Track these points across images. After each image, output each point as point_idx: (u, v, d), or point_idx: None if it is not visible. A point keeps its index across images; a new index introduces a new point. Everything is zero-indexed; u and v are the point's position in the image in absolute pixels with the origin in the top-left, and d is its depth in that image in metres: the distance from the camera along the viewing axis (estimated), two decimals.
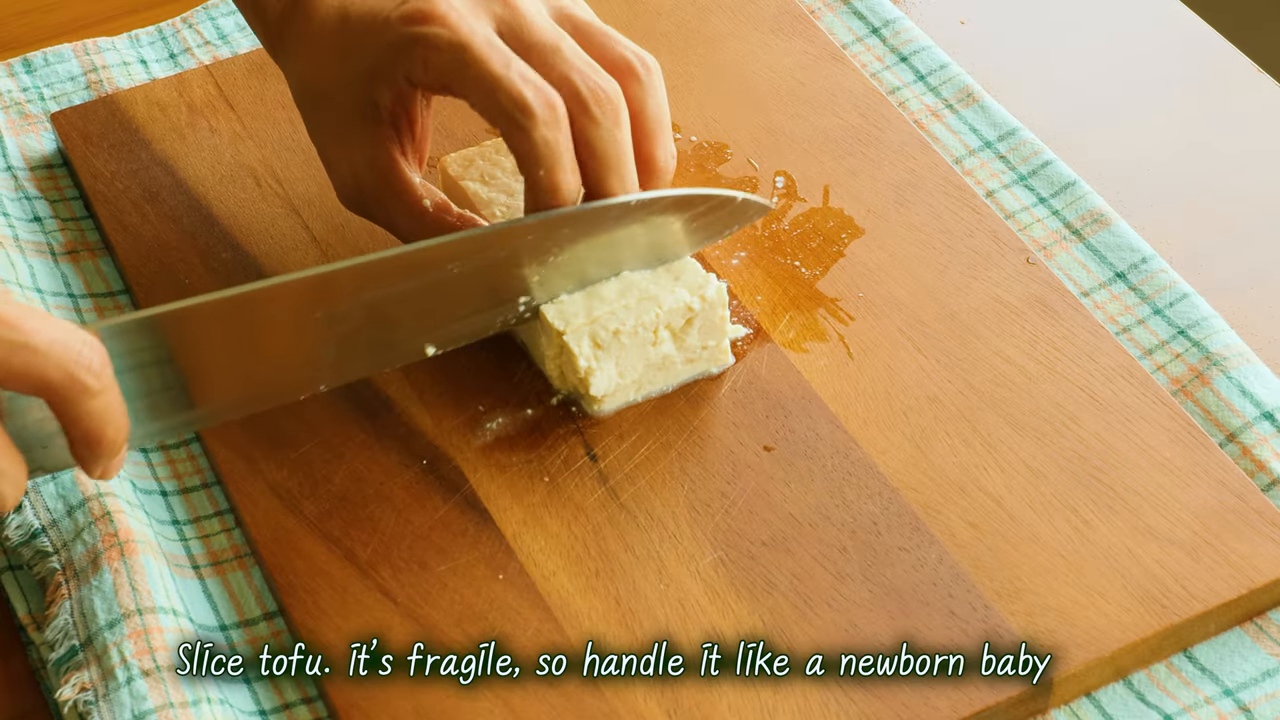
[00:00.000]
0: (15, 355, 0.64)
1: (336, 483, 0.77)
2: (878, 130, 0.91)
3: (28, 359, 0.64)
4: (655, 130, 0.77)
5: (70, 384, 0.65)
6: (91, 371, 0.65)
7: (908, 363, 0.81)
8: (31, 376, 0.65)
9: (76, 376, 0.65)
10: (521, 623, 0.72)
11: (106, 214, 0.88)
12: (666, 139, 0.78)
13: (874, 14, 0.98)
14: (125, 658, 0.69)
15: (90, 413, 0.66)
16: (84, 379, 0.65)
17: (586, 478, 0.77)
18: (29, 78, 0.96)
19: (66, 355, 0.65)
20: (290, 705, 0.71)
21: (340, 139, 0.79)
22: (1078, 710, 0.71)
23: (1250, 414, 0.78)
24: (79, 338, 0.65)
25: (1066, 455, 0.77)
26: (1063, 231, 0.87)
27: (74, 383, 0.65)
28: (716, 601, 0.72)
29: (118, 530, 0.73)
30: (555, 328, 0.77)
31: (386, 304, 0.75)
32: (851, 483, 0.76)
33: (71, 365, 0.65)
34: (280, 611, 0.74)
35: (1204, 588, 0.72)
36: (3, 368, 0.64)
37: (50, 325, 0.65)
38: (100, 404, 0.66)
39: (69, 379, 0.65)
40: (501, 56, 0.74)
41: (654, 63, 0.77)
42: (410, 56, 0.75)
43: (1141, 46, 0.99)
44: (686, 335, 0.79)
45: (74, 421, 0.66)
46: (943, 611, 0.72)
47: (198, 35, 0.99)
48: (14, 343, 0.64)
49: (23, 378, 0.64)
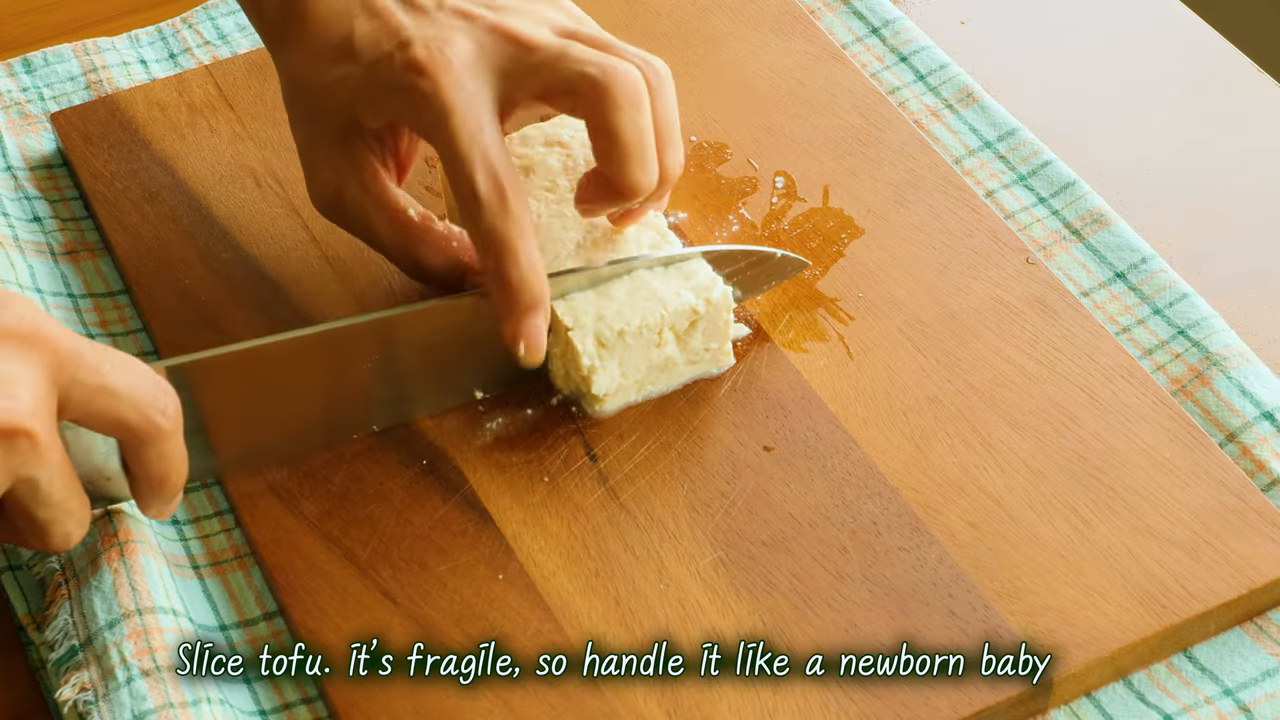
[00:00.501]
0: (95, 399, 0.66)
1: (336, 483, 0.77)
2: (878, 130, 0.91)
3: (107, 402, 0.67)
4: (666, 135, 0.77)
5: (147, 426, 0.68)
6: (166, 415, 0.68)
7: (908, 363, 0.81)
8: (111, 419, 0.67)
9: (153, 420, 0.68)
10: (521, 623, 0.72)
11: (106, 214, 0.88)
12: (677, 145, 0.77)
13: (874, 14, 0.98)
14: (125, 658, 0.69)
15: (160, 455, 0.69)
16: (159, 423, 0.68)
17: (586, 478, 0.77)
18: (29, 78, 0.96)
19: (143, 399, 0.67)
20: (290, 705, 0.71)
21: (323, 146, 0.79)
22: (1078, 710, 0.71)
23: (1250, 414, 0.78)
24: (155, 381, 0.68)
25: (1066, 455, 0.77)
26: (1063, 231, 0.87)
27: (150, 425, 0.68)
28: (716, 601, 0.72)
29: (117, 530, 0.73)
30: (564, 324, 0.77)
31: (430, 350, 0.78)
32: (851, 483, 0.76)
33: (148, 409, 0.68)
34: (280, 611, 0.74)
35: (1204, 588, 0.72)
36: (82, 410, 0.66)
37: (127, 369, 0.67)
38: (170, 447, 0.69)
39: (146, 422, 0.68)
40: (473, 126, 0.74)
41: (664, 68, 0.77)
42: (400, 104, 0.75)
43: (1141, 46, 0.99)
44: (690, 337, 0.79)
45: (142, 463, 0.69)
46: (943, 611, 0.72)
47: (198, 35, 0.99)
48: (94, 386, 0.66)
49: (102, 420, 0.67)
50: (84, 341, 0.66)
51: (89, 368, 0.66)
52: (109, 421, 0.67)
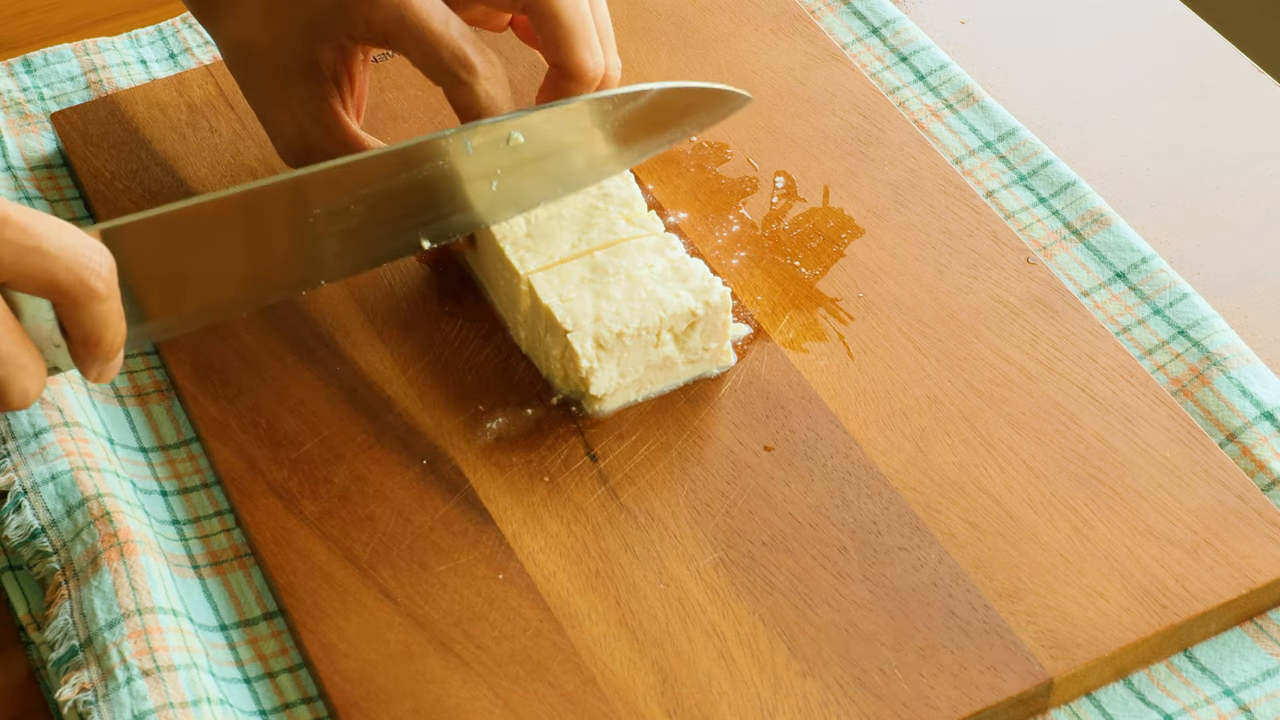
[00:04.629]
0: (27, 258, 0.66)
1: (336, 483, 0.77)
2: (878, 130, 0.91)
3: (39, 262, 0.66)
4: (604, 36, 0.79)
5: (79, 287, 0.67)
6: (100, 276, 0.67)
7: (908, 362, 0.81)
8: (42, 279, 0.66)
9: (86, 280, 0.67)
10: (521, 623, 0.72)
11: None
12: (613, 50, 0.80)
13: (874, 14, 0.98)
14: (125, 658, 0.69)
15: (96, 316, 0.68)
16: (93, 283, 0.67)
17: (586, 478, 0.77)
18: (29, 78, 0.96)
19: (77, 260, 0.66)
20: (290, 705, 0.71)
21: (281, 98, 0.79)
22: (1078, 710, 0.71)
23: (1250, 414, 0.78)
24: (88, 243, 0.67)
25: (1066, 455, 0.77)
26: (1063, 231, 0.87)
27: (83, 286, 0.67)
28: (716, 601, 0.72)
29: (117, 530, 0.73)
30: (563, 327, 0.77)
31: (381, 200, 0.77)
32: (851, 483, 0.76)
33: (81, 270, 0.67)
34: (280, 611, 0.74)
35: (1204, 588, 0.72)
36: (14, 270, 0.66)
37: (60, 229, 0.66)
38: (106, 309, 0.68)
39: (79, 283, 0.67)
40: (442, 14, 0.76)
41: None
42: (351, 14, 0.76)
43: (1141, 46, 0.99)
44: (689, 338, 0.79)
45: (78, 324, 0.68)
46: (943, 611, 0.72)
47: (198, 35, 0.99)
48: (25, 246, 0.65)
49: (33, 280, 0.66)
50: (11, 204, 0.66)
51: (18, 227, 0.65)
52: (42, 282, 0.66)
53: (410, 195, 0.77)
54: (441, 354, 0.81)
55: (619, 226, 0.81)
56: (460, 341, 0.82)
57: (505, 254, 0.80)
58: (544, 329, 0.78)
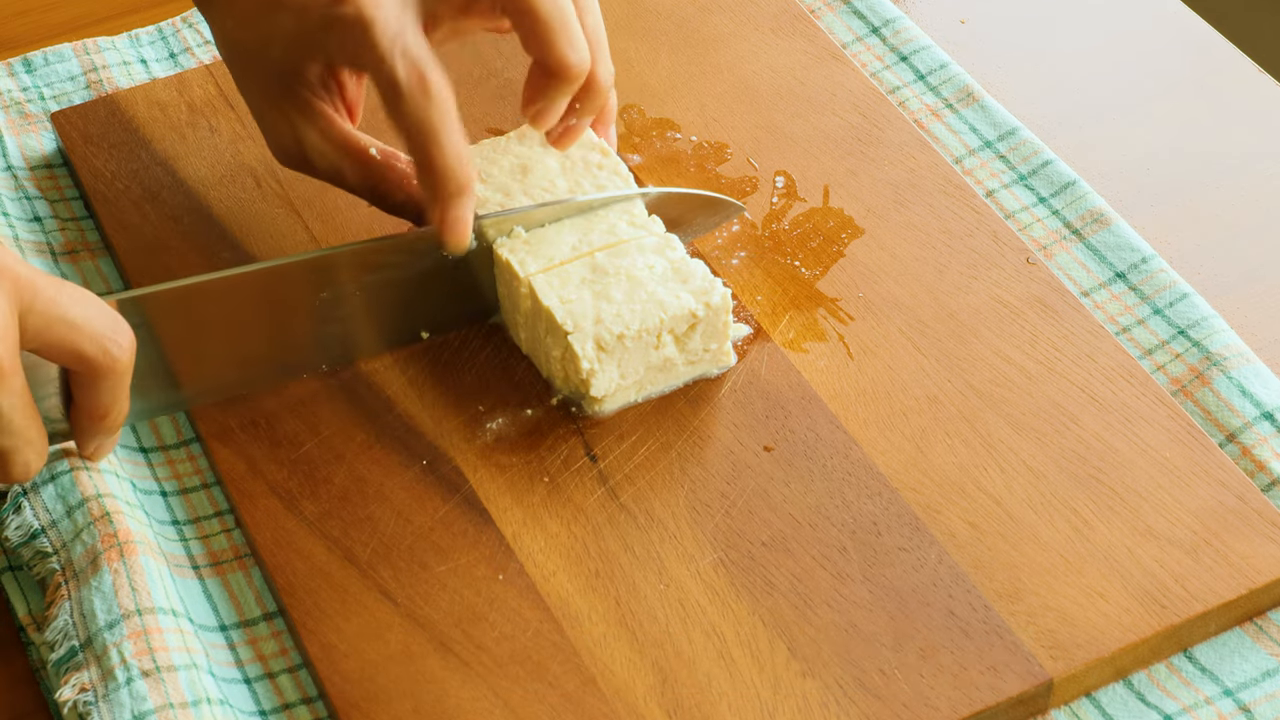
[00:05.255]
0: (53, 328, 0.67)
1: (336, 483, 0.77)
2: (878, 130, 0.91)
3: (65, 332, 0.68)
4: (595, 44, 0.78)
5: (102, 358, 0.69)
6: (122, 348, 0.69)
7: (908, 363, 0.81)
8: (68, 348, 0.68)
9: (109, 351, 0.69)
10: (521, 623, 0.72)
11: (106, 214, 0.88)
12: (604, 56, 0.79)
13: (874, 13, 0.98)
14: (125, 658, 0.69)
15: (110, 388, 0.70)
16: (116, 354, 0.69)
17: (586, 478, 0.77)
18: (29, 77, 0.96)
19: (100, 331, 0.68)
20: (290, 705, 0.71)
21: (273, 100, 0.80)
22: (1078, 710, 0.71)
23: (1250, 414, 0.78)
24: (110, 315, 0.69)
25: (1066, 455, 0.77)
26: (1063, 231, 0.87)
27: (105, 356, 0.69)
28: (716, 601, 0.72)
29: (117, 531, 0.73)
30: (564, 328, 0.77)
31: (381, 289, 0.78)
32: (851, 483, 0.76)
33: (105, 340, 0.69)
34: (280, 611, 0.74)
35: (1204, 588, 0.72)
36: (41, 339, 0.67)
37: (85, 301, 0.68)
38: (121, 382, 0.70)
39: (102, 353, 0.69)
40: (394, 30, 0.75)
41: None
42: (328, 39, 0.76)
43: (1141, 46, 0.99)
44: (689, 339, 0.79)
45: (91, 395, 0.70)
46: (943, 611, 0.72)
47: (198, 35, 0.99)
48: (53, 316, 0.67)
49: (58, 349, 0.68)
50: (40, 273, 0.67)
51: (46, 298, 0.67)
52: (66, 352, 0.68)
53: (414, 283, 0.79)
54: (441, 354, 0.82)
55: (619, 228, 0.81)
56: (460, 341, 0.82)
57: (505, 256, 0.80)
58: (544, 330, 0.78)
